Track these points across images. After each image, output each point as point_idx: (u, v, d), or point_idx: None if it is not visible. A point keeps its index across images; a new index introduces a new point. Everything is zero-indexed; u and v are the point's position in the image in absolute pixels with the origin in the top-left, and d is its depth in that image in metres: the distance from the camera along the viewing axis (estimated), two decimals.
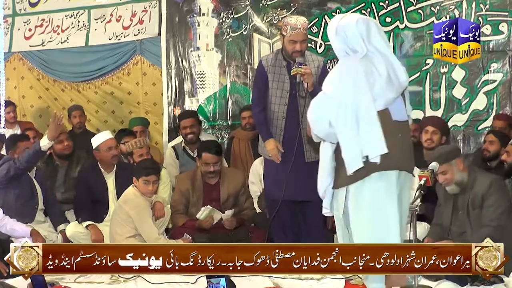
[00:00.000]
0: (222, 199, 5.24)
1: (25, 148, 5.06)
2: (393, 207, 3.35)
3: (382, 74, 3.32)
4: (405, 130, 3.47)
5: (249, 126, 6.18)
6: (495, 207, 4.16)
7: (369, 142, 3.30)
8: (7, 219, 4.78)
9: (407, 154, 3.46)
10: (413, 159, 3.52)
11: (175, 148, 6.22)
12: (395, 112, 3.40)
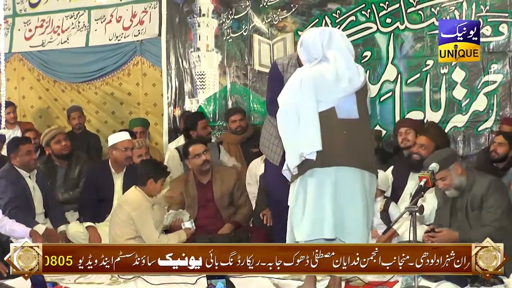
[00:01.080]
0: (216, 197, 5.23)
1: (27, 151, 5.05)
2: (327, 202, 3.52)
3: (329, 78, 3.59)
4: (354, 127, 3.61)
5: (240, 130, 6.18)
6: (495, 207, 4.16)
7: (304, 140, 3.56)
8: (7, 219, 4.78)
9: (353, 151, 3.57)
10: (368, 155, 3.66)
11: (179, 151, 6.20)
12: (342, 110, 3.61)
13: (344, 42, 3.74)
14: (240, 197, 5.33)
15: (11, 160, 5.10)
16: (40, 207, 5.16)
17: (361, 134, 3.64)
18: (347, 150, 3.56)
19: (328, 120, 3.58)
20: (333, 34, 3.73)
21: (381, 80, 6.37)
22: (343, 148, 3.56)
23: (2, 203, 4.90)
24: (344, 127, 3.59)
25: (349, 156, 3.56)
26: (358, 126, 3.63)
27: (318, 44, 3.68)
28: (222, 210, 5.20)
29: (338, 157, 3.55)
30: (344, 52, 3.67)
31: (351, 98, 3.62)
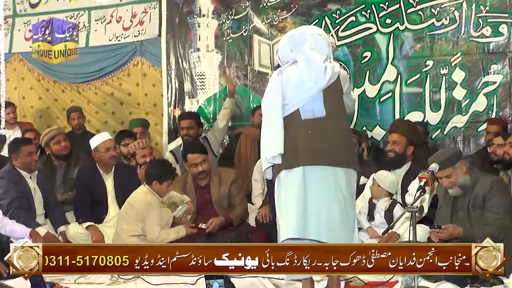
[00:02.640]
0: (214, 200, 5.22)
1: (28, 152, 5.06)
2: (294, 203, 3.55)
3: (293, 81, 3.64)
4: (320, 126, 3.61)
5: (258, 124, 6.15)
6: (498, 207, 4.17)
7: (267, 145, 3.68)
8: (7, 220, 4.78)
9: (320, 149, 3.58)
10: (340, 150, 3.62)
11: (174, 153, 6.20)
12: (307, 111, 3.63)
13: (316, 41, 3.72)
14: (235, 197, 5.31)
15: (12, 161, 5.10)
16: (41, 208, 5.16)
17: (330, 131, 3.63)
18: (313, 150, 3.59)
19: (293, 122, 3.64)
20: (303, 35, 3.73)
21: (381, 80, 6.38)
22: (308, 148, 3.59)
23: (5, 204, 4.90)
24: (308, 127, 3.62)
25: (315, 155, 3.58)
26: (325, 124, 3.63)
27: (287, 48, 3.73)
28: (221, 212, 5.19)
29: (303, 157, 3.59)
30: (313, 53, 3.67)
31: (318, 97, 3.63)
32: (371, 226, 4.82)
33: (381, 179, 4.82)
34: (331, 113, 3.64)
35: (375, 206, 4.84)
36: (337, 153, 3.61)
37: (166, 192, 4.91)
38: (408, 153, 5.05)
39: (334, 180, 3.59)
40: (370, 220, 4.84)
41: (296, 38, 3.73)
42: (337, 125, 3.66)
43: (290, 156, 3.61)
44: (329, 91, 3.64)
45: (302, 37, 3.72)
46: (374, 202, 4.85)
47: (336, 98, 3.68)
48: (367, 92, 6.44)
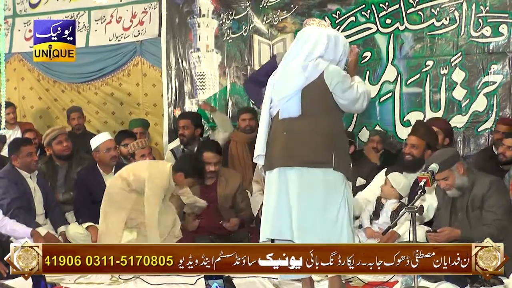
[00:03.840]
0: (219, 199, 5.22)
1: (28, 152, 5.06)
2: (270, 203, 3.64)
3: (273, 83, 3.76)
4: (294, 126, 3.62)
5: (249, 129, 6.16)
6: (496, 207, 4.17)
7: (255, 146, 3.77)
8: (7, 219, 4.78)
9: (294, 150, 3.59)
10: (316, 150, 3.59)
11: (174, 152, 6.22)
12: (284, 111, 3.68)
13: (302, 40, 3.76)
14: (242, 201, 5.33)
15: (12, 161, 5.10)
16: (41, 208, 5.16)
17: (305, 131, 3.61)
18: (286, 151, 3.61)
19: (275, 123, 3.71)
20: (299, 35, 3.81)
21: (381, 80, 6.38)
22: (283, 149, 3.62)
23: (5, 203, 4.90)
24: (284, 127, 3.65)
25: (289, 156, 3.59)
26: (301, 124, 3.63)
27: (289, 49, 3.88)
28: (223, 211, 5.20)
29: (278, 158, 3.63)
30: (298, 52, 3.72)
31: (295, 96, 3.64)
32: (370, 227, 4.80)
33: (396, 180, 4.83)
34: (309, 113, 3.63)
35: (383, 205, 4.85)
36: (311, 153, 3.58)
37: (183, 186, 4.91)
38: (425, 157, 4.92)
39: (309, 180, 3.57)
40: (375, 218, 4.82)
41: (296, 37, 3.82)
42: (315, 124, 3.62)
43: (268, 157, 3.71)
44: (309, 90, 3.63)
45: (297, 37, 3.80)
46: (382, 201, 4.86)
47: (318, 96, 3.65)
48: None
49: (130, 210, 4.79)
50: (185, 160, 4.90)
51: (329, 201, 3.59)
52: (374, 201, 4.91)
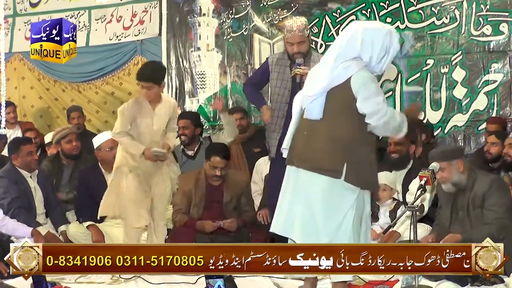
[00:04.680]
0: (225, 200, 5.21)
1: (29, 151, 5.06)
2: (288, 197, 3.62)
3: (309, 79, 3.71)
4: (314, 129, 3.55)
5: (241, 128, 6.14)
6: (498, 206, 4.16)
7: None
8: (8, 219, 4.78)
9: (310, 152, 3.53)
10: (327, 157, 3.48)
11: (174, 151, 6.21)
12: (308, 111, 3.62)
13: (337, 40, 3.66)
14: (247, 203, 5.33)
15: (12, 160, 5.10)
16: (41, 208, 5.17)
17: (322, 136, 3.51)
18: (302, 152, 3.56)
19: (301, 119, 3.68)
20: (342, 33, 3.70)
21: (381, 79, 6.36)
22: (300, 150, 3.58)
23: (5, 203, 4.90)
24: (306, 127, 3.61)
25: (303, 159, 3.55)
26: (319, 127, 3.53)
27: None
28: (227, 212, 5.19)
29: (296, 158, 3.60)
30: (333, 49, 3.61)
31: (320, 98, 3.54)
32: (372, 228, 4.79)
33: (388, 178, 4.88)
34: (330, 117, 3.51)
35: (379, 207, 4.85)
36: (322, 160, 3.49)
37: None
38: (410, 152, 5.07)
39: (315, 186, 3.50)
40: (374, 220, 4.81)
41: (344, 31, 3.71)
42: (333, 131, 3.49)
43: (290, 152, 3.69)
44: (334, 93, 3.50)
45: (345, 31, 3.67)
46: (377, 203, 4.86)
47: (341, 101, 3.50)
48: None
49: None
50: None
51: (333, 208, 3.48)
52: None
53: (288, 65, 4.70)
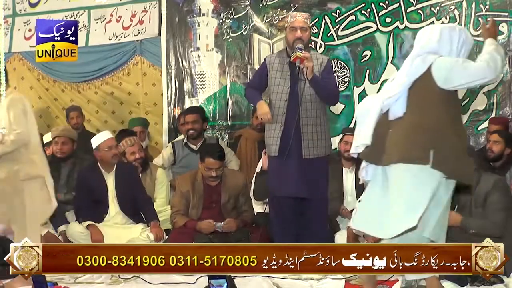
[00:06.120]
0: (223, 201, 5.22)
1: None
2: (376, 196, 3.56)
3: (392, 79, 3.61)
4: (399, 123, 3.49)
5: (260, 127, 6.14)
6: (496, 203, 4.20)
7: (360, 133, 3.67)
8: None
9: (395, 146, 3.45)
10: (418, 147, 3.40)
11: (174, 144, 6.24)
12: (392, 111, 3.55)
13: (422, 35, 3.62)
14: (245, 203, 5.32)
15: None
16: None
17: (407, 128, 3.46)
18: (390, 147, 3.47)
19: (381, 118, 3.59)
20: (422, 31, 3.67)
21: (381, 79, 6.37)
22: (389, 146, 3.48)
23: None
24: (390, 125, 3.53)
25: (391, 152, 3.45)
26: (403, 122, 3.48)
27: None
28: (225, 213, 5.19)
29: (384, 155, 3.48)
30: (414, 48, 3.63)
31: (402, 97, 3.52)
32: None
33: None
34: (413, 110, 3.48)
35: None
36: (407, 149, 3.42)
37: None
38: None
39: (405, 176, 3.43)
40: None
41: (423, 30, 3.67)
42: (418, 121, 3.45)
43: (371, 150, 3.61)
44: (415, 87, 3.49)
45: (420, 34, 3.65)
46: None
47: (424, 92, 3.48)
48: (367, 91, 6.43)
49: None
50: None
51: (417, 199, 3.39)
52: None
53: (287, 63, 4.69)
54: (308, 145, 4.62)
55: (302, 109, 4.60)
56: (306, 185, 4.59)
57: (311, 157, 4.61)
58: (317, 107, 4.65)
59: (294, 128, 4.59)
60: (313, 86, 4.54)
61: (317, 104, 4.65)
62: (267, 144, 4.81)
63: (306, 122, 4.63)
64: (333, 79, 4.85)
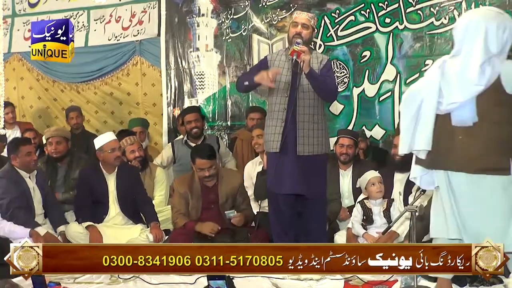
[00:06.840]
0: (220, 200, 5.22)
1: (28, 152, 5.06)
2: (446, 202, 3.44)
3: (450, 78, 3.36)
4: (470, 132, 3.34)
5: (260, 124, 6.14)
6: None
7: (418, 137, 3.45)
8: (4, 222, 4.78)
9: (471, 156, 3.33)
10: (488, 157, 3.32)
11: (174, 144, 6.24)
12: (456, 116, 3.38)
13: (489, 35, 3.31)
14: (243, 202, 5.32)
15: (11, 160, 5.10)
16: (40, 208, 5.16)
17: (482, 138, 3.33)
18: (465, 156, 3.35)
19: (442, 122, 3.42)
20: (479, 26, 3.32)
21: (380, 79, 6.38)
22: (461, 154, 3.36)
23: (4, 203, 4.90)
24: (459, 132, 3.37)
25: (467, 161, 3.34)
26: (476, 131, 3.33)
27: (458, 31, 3.40)
28: (224, 212, 5.20)
29: (454, 162, 3.38)
30: (470, 48, 3.32)
31: (469, 104, 3.32)
32: (366, 232, 4.78)
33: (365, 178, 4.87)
34: (486, 119, 3.33)
35: (371, 209, 4.81)
36: (487, 160, 3.32)
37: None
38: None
39: (481, 187, 3.36)
40: (370, 224, 4.78)
41: (469, 27, 3.35)
42: (493, 131, 3.33)
43: (433, 156, 3.46)
44: (484, 95, 3.30)
45: (477, 28, 3.32)
46: (369, 206, 4.82)
47: (494, 101, 3.31)
48: (367, 92, 6.44)
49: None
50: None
51: (500, 208, 3.35)
52: (360, 208, 4.84)
53: (288, 60, 4.69)
54: (303, 142, 4.56)
55: (299, 106, 4.56)
56: (302, 182, 4.56)
57: (306, 154, 4.56)
58: (314, 104, 4.62)
59: (291, 124, 4.57)
60: (309, 80, 4.52)
61: (315, 102, 4.63)
62: (267, 140, 4.73)
63: (303, 119, 4.58)
64: (332, 77, 4.82)
